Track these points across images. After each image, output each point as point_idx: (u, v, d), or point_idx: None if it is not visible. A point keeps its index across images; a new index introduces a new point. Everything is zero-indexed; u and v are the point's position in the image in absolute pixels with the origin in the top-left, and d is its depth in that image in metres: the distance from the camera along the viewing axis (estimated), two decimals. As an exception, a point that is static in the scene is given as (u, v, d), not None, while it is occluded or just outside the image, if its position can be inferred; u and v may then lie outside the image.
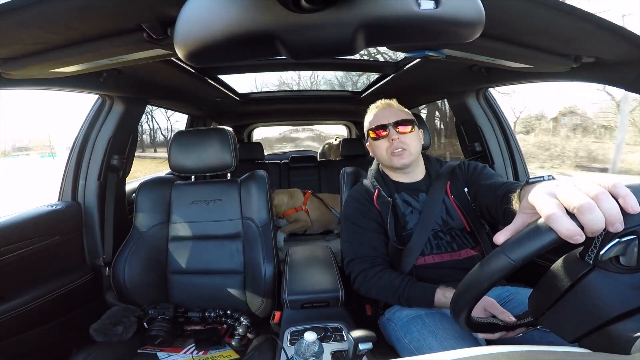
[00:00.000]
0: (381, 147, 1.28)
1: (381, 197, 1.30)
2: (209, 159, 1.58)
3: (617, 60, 1.00)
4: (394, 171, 1.34)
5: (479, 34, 0.62)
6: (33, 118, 37.49)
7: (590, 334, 0.52)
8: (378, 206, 1.30)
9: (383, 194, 1.31)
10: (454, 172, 1.34)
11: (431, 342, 1.01)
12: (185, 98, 2.38)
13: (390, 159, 1.27)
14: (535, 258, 0.52)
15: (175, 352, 1.32)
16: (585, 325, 0.51)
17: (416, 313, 1.15)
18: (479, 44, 0.92)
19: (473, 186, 1.27)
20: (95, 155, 1.75)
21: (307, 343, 0.92)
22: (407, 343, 1.09)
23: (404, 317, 1.17)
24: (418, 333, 1.07)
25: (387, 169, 1.37)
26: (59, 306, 1.49)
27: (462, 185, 1.31)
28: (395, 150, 1.25)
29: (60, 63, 1.00)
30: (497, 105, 2.00)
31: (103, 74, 1.33)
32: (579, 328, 0.52)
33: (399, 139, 1.25)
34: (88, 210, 1.73)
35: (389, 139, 1.26)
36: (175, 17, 0.56)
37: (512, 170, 1.97)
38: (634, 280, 0.48)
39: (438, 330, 1.04)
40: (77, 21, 0.79)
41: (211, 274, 1.55)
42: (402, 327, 1.15)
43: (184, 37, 0.57)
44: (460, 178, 1.32)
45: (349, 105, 3.36)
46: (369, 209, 1.31)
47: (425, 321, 1.09)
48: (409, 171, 1.34)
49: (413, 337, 1.08)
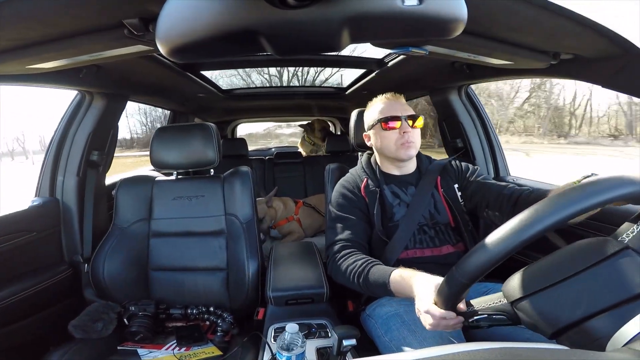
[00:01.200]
0: (390, 138, 1.29)
1: (369, 187, 1.31)
2: (191, 155, 1.56)
3: (594, 56, 1.02)
4: (392, 162, 1.35)
5: (461, 31, 0.63)
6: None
7: (567, 331, 0.54)
8: (365, 195, 1.31)
9: (371, 183, 1.32)
10: (445, 168, 1.37)
11: (411, 340, 1.02)
12: (167, 94, 2.35)
13: (398, 149, 1.28)
14: (515, 254, 0.55)
15: (156, 349, 1.31)
16: (576, 312, 0.53)
17: (395, 310, 1.15)
18: (461, 40, 0.94)
19: (470, 185, 1.32)
20: (74, 151, 1.71)
21: (289, 335, 0.93)
22: (387, 341, 1.10)
23: (384, 315, 1.18)
24: (397, 332, 1.08)
25: (385, 160, 1.37)
26: (36, 303, 1.46)
27: (452, 182, 1.34)
28: (406, 143, 1.27)
29: (37, 59, 0.97)
30: (479, 102, 2.03)
31: (82, 69, 1.31)
32: (563, 318, 0.54)
33: (411, 132, 1.27)
34: (66, 206, 1.70)
35: (400, 131, 1.27)
36: (157, 13, 0.55)
37: (492, 166, 2.00)
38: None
39: (417, 328, 1.04)
40: (55, 18, 0.77)
41: (194, 271, 1.53)
42: (382, 324, 1.16)
43: (166, 33, 0.56)
44: (452, 175, 1.36)
45: (333, 102, 3.36)
46: (355, 197, 1.32)
47: (405, 319, 1.10)
48: (404, 164, 1.35)
49: (393, 335, 1.09)
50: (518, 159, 11.26)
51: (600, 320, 0.52)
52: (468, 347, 0.41)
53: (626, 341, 0.45)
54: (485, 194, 1.26)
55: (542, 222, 0.55)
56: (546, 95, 16.75)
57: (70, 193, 1.70)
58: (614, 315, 0.51)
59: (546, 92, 16.58)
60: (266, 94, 3.04)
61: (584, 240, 0.60)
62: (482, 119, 2.01)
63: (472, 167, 1.38)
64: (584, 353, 0.41)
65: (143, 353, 1.28)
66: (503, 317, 0.61)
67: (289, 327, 0.95)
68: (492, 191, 1.25)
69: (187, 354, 1.27)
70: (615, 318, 0.50)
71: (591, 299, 0.53)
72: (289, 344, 0.93)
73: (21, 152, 24.34)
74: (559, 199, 0.55)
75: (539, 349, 0.42)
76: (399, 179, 1.35)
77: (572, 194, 0.55)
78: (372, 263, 1.12)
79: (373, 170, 1.37)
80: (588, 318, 0.52)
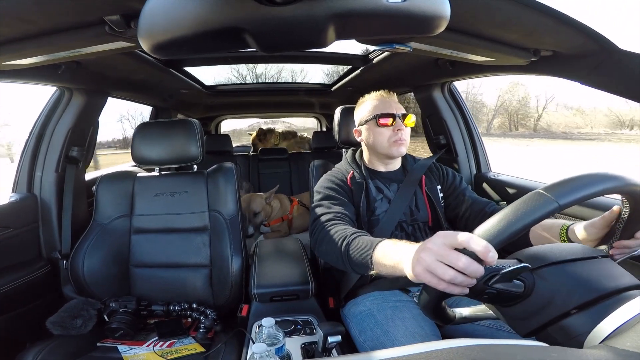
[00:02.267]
0: (384, 135, 1.29)
1: (355, 178, 1.32)
2: (174, 150, 1.55)
3: (573, 53, 1.04)
4: (380, 159, 1.36)
5: (444, 27, 0.63)
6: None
7: (546, 327, 0.56)
8: (352, 186, 1.31)
9: (357, 175, 1.33)
10: (430, 169, 1.39)
11: (384, 340, 1.05)
12: (149, 90, 2.31)
13: (391, 146, 1.29)
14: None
15: (137, 345, 1.29)
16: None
17: (368, 309, 1.18)
18: (444, 37, 0.95)
19: (453, 194, 1.36)
20: (53, 147, 1.68)
21: (266, 329, 0.94)
22: (362, 342, 1.13)
23: (357, 314, 1.20)
24: (371, 332, 1.11)
25: (373, 156, 1.38)
26: (14, 300, 1.43)
27: (436, 183, 1.37)
28: (399, 140, 1.28)
29: (14, 56, 0.95)
30: (461, 99, 2.06)
31: (61, 66, 1.28)
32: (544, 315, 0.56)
33: (404, 130, 1.29)
34: (45, 202, 1.67)
35: (394, 128, 1.28)
36: (139, 10, 0.54)
37: (474, 163, 2.04)
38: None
39: (389, 328, 1.07)
40: (34, 15, 0.75)
41: (176, 267, 1.52)
42: (357, 324, 1.18)
43: (148, 30, 0.56)
44: (435, 176, 1.39)
45: (319, 98, 3.36)
46: (343, 184, 1.32)
47: (377, 318, 1.13)
48: (391, 161, 1.37)
49: (367, 336, 1.12)
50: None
51: (578, 317, 0.53)
52: (450, 344, 0.42)
53: (603, 338, 0.46)
54: (467, 208, 1.30)
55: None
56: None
57: (48, 189, 1.67)
58: (591, 312, 0.52)
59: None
60: (250, 90, 3.01)
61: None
62: (464, 115, 2.04)
63: (458, 176, 1.41)
64: (562, 350, 0.42)
65: (123, 349, 1.26)
66: (520, 284, 0.59)
67: (264, 321, 0.96)
68: (474, 207, 1.29)
69: (169, 351, 1.26)
70: (593, 315, 0.51)
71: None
72: (266, 338, 0.93)
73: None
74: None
75: (518, 345, 0.42)
76: (384, 174, 1.36)
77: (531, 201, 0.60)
78: (361, 233, 1.03)
79: (358, 165, 1.38)
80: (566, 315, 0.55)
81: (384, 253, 0.85)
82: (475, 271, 0.56)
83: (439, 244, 0.61)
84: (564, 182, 0.61)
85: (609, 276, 0.57)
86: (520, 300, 0.59)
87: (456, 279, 0.58)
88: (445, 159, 2.04)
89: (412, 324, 1.07)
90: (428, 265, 0.61)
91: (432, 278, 0.61)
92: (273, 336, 0.94)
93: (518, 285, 0.58)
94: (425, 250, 0.63)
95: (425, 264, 0.62)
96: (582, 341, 0.49)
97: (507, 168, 1.99)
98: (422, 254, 0.63)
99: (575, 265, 0.58)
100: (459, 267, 0.57)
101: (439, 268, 0.59)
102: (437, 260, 0.60)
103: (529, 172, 1.88)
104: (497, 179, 1.86)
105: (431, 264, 0.61)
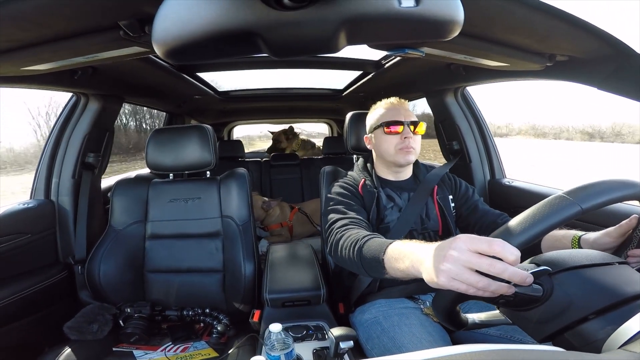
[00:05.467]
0: (391, 142, 1.28)
1: (367, 186, 1.31)
2: (187, 156, 1.56)
3: (589, 58, 1.03)
4: (389, 167, 1.35)
5: (457, 32, 0.63)
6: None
7: (563, 332, 0.54)
8: (363, 194, 1.30)
9: (369, 183, 1.32)
10: (442, 178, 1.38)
11: (391, 347, 1.05)
12: (163, 95, 2.34)
13: (397, 154, 1.27)
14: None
15: (151, 350, 1.30)
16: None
17: (374, 317, 1.18)
18: (457, 42, 0.94)
19: (465, 205, 1.34)
20: (70, 153, 1.71)
21: (274, 334, 0.94)
22: (369, 349, 1.13)
23: (364, 322, 1.20)
24: (378, 340, 1.11)
25: (382, 164, 1.37)
26: (31, 304, 1.46)
27: (448, 192, 1.35)
28: (406, 148, 1.26)
29: (32, 61, 0.97)
30: (475, 104, 2.03)
31: (77, 71, 1.30)
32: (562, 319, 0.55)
33: (412, 138, 1.27)
34: (62, 208, 1.69)
35: (402, 136, 1.26)
36: (153, 15, 0.55)
37: (488, 169, 2.01)
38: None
39: (396, 335, 1.07)
40: (50, 19, 0.77)
41: (190, 273, 1.53)
42: (364, 332, 1.18)
43: (162, 35, 0.56)
44: (447, 186, 1.37)
45: (330, 103, 3.36)
46: (354, 191, 1.31)
47: (384, 326, 1.12)
48: (400, 171, 1.35)
49: (374, 343, 1.12)
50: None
51: (596, 322, 0.52)
52: (462, 350, 0.41)
53: (622, 343, 0.44)
54: (479, 220, 1.28)
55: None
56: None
57: (65, 195, 1.70)
58: (610, 317, 0.51)
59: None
60: (262, 95, 3.03)
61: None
62: (478, 121, 2.02)
63: (470, 188, 1.39)
64: (580, 355, 0.41)
65: (139, 354, 1.27)
66: (539, 288, 0.57)
67: (272, 327, 0.96)
68: (486, 218, 1.27)
69: (183, 356, 1.27)
70: (612, 320, 0.50)
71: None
72: (273, 344, 0.93)
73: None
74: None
75: (534, 350, 0.41)
76: (394, 184, 1.35)
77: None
78: (375, 235, 0.99)
79: (369, 174, 1.37)
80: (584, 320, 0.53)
81: (395, 256, 0.82)
82: (514, 274, 0.53)
83: (464, 250, 0.57)
84: (586, 187, 0.61)
85: (628, 282, 0.56)
86: (537, 304, 0.58)
87: (490, 286, 0.55)
88: (458, 165, 2.00)
89: (420, 330, 1.07)
90: (456, 274, 0.57)
91: (461, 285, 0.57)
92: (282, 341, 0.93)
93: (537, 289, 0.57)
94: (448, 258, 0.59)
95: (452, 273, 0.58)
96: (599, 346, 0.48)
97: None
98: (446, 264, 0.59)
99: (593, 271, 0.57)
100: (494, 272, 0.54)
101: (472, 277, 0.56)
102: (464, 266, 0.57)
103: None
104: (512, 186, 1.83)
105: (459, 273, 0.57)
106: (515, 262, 0.54)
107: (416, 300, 1.23)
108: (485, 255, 0.56)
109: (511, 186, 1.83)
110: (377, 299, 1.24)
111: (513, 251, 0.54)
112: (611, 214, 1.15)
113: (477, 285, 0.55)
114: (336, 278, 1.46)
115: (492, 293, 0.56)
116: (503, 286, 0.55)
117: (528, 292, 0.57)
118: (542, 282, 0.57)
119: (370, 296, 1.26)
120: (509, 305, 0.62)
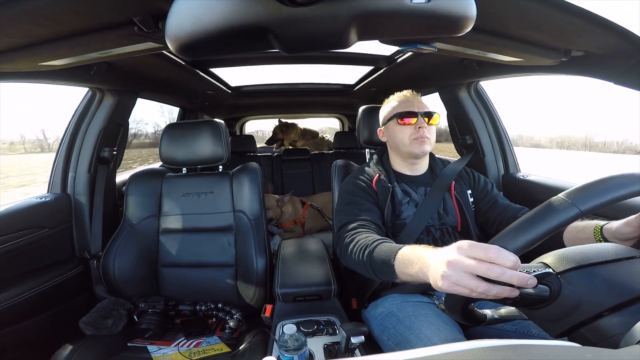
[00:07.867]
0: (405, 133, 1.28)
1: (381, 182, 1.30)
2: (200, 151, 1.57)
3: (605, 53, 1.01)
4: (404, 160, 1.34)
5: (470, 28, 0.62)
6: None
7: (579, 328, 0.54)
8: (377, 189, 1.29)
9: (384, 178, 1.31)
10: (459, 173, 1.36)
11: (408, 335, 1.03)
12: (177, 91, 2.36)
13: (412, 144, 1.27)
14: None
15: (165, 345, 1.32)
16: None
17: (388, 310, 1.17)
18: (470, 37, 0.92)
19: (484, 200, 1.31)
20: (86, 148, 1.73)
21: (288, 336, 0.94)
22: (385, 340, 1.12)
23: (378, 316, 1.19)
24: (394, 330, 1.10)
25: (397, 157, 1.36)
26: (48, 299, 1.48)
27: (466, 187, 1.33)
28: (420, 138, 1.26)
29: (49, 56, 0.99)
30: (488, 98, 2.01)
31: (93, 67, 1.32)
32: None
33: (426, 128, 1.26)
34: (78, 202, 1.72)
35: (416, 126, 1.26)
36: (166, 11, 0.56)
37: (502, 163, 1.99)
38: None
39: (412, 323, 1.06)
40: (66, 15, 0.78)
41: (202, 267, 1.54)
42: (379, 325, 1.17)
43: (175, 30, 0.57)
44: (465, 181, 1.35)
45: (341, 98, 3.35)
46: (368, 187, 1.30)
47: (399, 316, 1.12)
48: (416, 163, 1.34)
49: (390, 334, 1.10)
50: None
51: (612, 318, 0.51)
52: (479, 344, 0.40)
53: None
54: (499, 214, 1.26)
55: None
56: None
57: (81, 189, 1.73)
58: (628, 313, 0.51)
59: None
60: (274, 90, 3.03)
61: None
62: (492, 115, 2.00)
63: (489, 182, 1.37)
64: (597, 350, 0.40)
65: (153, 350, 1.29)
66: (545, 288, 0.57)
67: (286, 328, 0.97)
68: (506, 213, 1.24)
69: (196, 351, 1.28)
70: (629, 316, 0.49)
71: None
72: (289, 345, 0.93)
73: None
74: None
75: (550, 345, 0.41)
76: (410, 178, 1.34)
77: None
78: (384, 240, 1.02)
79: (385, 168, 1.36)
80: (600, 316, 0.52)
81: (405, 261, 0.84)
82: (512, 278, 0.54)
83: (462, 257, 0.60)
84: (585, 187, 0.60)
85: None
86: (546, 303, 0.58)
87: (491, 290, 0.56)
88: (472, 160, 1.97)
89: (436, 319, 1.05)
90: (456, 280, 0.59)
91: (462, 289, 0.59)
92: (296, 342, 0.94)
93: (543, 290, 0.57)
94: (449, 264, 0.61)
95: (452, 279, 0.60)
96: (617, 341, 0.47)
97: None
98: (447, 270, 0.61)
99: (606, 268, 0.56)
100: (492, 277, 0.55)
101: (472, 282, 0.58)
102: (464, 272, 0.59)
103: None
104: (526, 180, 1.80)
105: (459, 278, 0.59)
106: (513, 267, 0.55)
107: (431, 296, 1.22)
108: (484, 261, 0.57)
109: (526, 180, 1.81)
110: (391, 294, 1.23)
111: (509, 257, 0.55)
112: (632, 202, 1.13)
113: (477, 290, 0.57)
114: (348, 273, 1.45)
115: (494, 296, 0.57)
116: (505, 289, 0.56)
117: (534, 293, 0.57)
118: (550, 281, 0.57)
119: (384, 291, 1.26)
120: (518, 305, 0.62)
